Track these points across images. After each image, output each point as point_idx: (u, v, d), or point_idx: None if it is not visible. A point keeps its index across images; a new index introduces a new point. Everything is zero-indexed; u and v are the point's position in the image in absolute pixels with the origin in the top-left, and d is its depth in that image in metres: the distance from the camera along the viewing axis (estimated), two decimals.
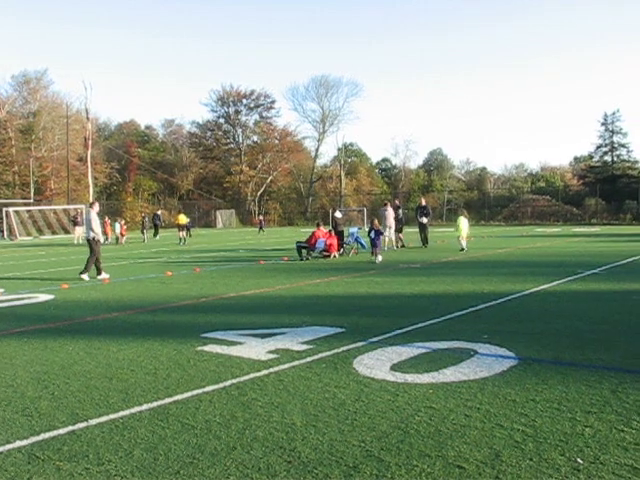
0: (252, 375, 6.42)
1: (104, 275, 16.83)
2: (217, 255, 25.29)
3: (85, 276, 16.65)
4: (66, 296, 13.35)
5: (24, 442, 4.71)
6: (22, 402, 5.73)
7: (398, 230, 26.43)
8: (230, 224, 74.08)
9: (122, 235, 38.15)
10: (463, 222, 23.68)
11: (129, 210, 65.23)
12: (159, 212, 43.76)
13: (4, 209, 51.83)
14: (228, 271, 18.17)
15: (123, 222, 40.32)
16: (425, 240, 26.72)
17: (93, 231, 17.00)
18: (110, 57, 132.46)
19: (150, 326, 9.53)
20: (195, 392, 5.88)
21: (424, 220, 26.56)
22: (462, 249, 23.23)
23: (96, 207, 17.78)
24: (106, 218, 39.77)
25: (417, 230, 27.53)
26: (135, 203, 72.18)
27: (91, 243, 17.03)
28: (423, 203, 28.00)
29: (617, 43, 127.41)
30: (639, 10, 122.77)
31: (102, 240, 17.43)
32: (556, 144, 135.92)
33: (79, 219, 41.49)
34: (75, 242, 39.09)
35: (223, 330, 8.80)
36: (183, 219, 37.14)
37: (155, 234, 41.25)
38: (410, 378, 6.11)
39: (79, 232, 39.85)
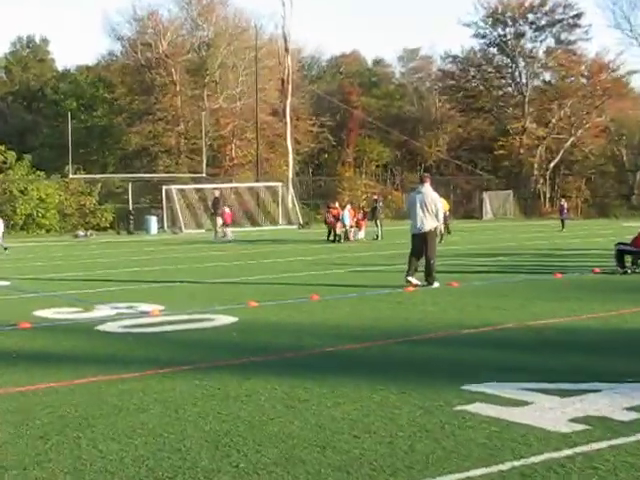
0: (546, 455, 6.21)
1: (436, 284, 17.98)
2: (485, 262, 25.23)
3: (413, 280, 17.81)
4: (254, 318, 13.97)
5: None
6: (193, 475, 5.96)
7: None
8: (504, 213, 73.31)
9: (353, 227, 39.22)
10: None
11: (347, 190, 65.51)
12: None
13: (164, 187, 53.18)
14: (503, 287, 18.20)
15: (351, 207, 41.07)
16: None
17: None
18: None
19: (380, 368, 9.65)
20: (455, 476, 5.80)
21: None
22: None
23: (428, 180, 18.83)
24: (225, 207, 42.03)
25: None
26: (358, 180, 72.16)
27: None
28: None
29: None
30: None
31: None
32: None
33: (220, 206, 42.85)
34: (213, 238, 41.12)
35: (497, 381, 8.69)
36: (446, 205, 38.12)
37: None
38: None
39: (219, 223, 41.94)
